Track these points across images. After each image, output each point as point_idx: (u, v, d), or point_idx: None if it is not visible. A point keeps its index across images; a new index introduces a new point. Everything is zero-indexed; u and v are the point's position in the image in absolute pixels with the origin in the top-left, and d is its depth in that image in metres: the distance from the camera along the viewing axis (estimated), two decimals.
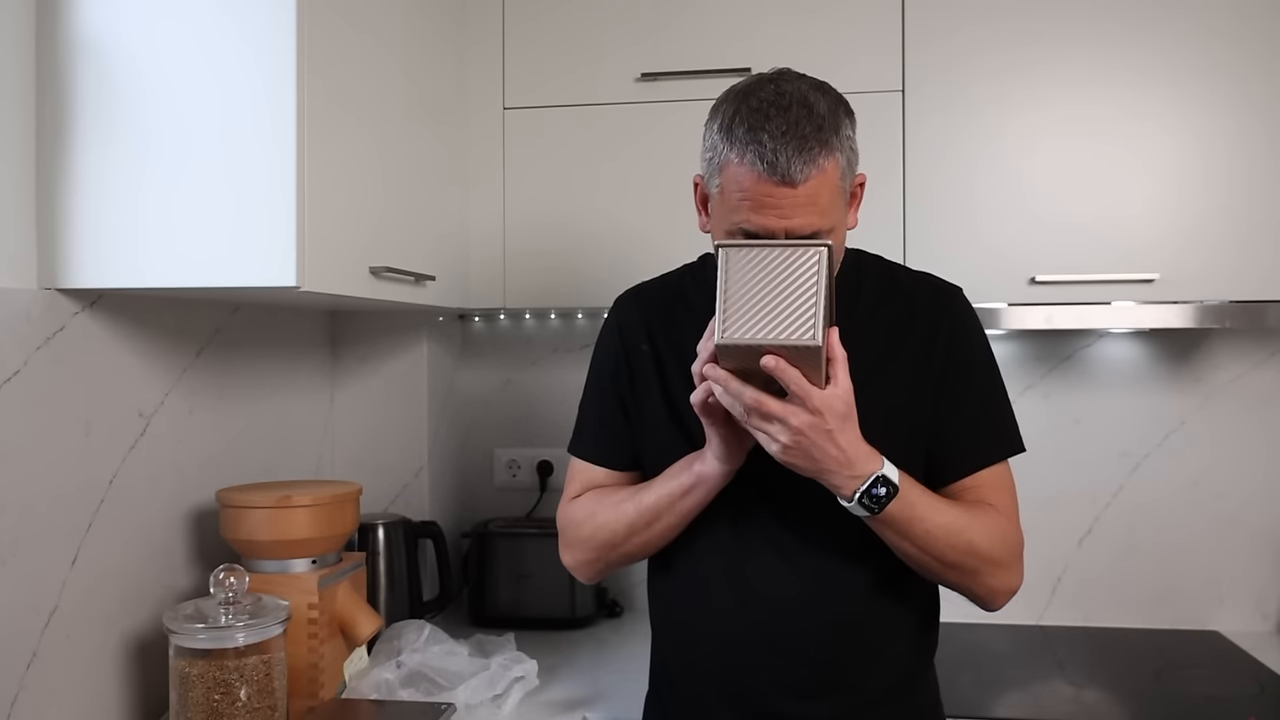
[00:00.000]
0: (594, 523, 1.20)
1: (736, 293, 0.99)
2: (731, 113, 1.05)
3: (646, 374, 1.21)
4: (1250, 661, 1.72)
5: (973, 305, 1.22)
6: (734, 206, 1.04)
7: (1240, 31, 1.62)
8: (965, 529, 1.08)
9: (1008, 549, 1.12)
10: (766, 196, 1.02)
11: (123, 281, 1.24)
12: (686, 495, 1.12)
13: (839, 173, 1.04)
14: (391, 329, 1.99)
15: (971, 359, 1.18)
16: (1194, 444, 1.94)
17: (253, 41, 1.19)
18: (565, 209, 1.79)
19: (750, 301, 0.98)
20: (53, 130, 1.24)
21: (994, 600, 1.14)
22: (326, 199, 1.26)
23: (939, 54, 1.69)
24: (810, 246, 0.98)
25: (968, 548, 1.08)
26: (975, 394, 1.17)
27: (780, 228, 1.02)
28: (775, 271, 0.98)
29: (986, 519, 1.11)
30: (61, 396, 1.25)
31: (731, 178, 1.04)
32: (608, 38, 1.77)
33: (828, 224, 1.03)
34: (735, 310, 0.99)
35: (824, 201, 1.03)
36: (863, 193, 1.14)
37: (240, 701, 1.25)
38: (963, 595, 1.15)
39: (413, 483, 1.99)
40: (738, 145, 1.02)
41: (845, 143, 1.05)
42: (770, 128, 1.01)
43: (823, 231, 1.04)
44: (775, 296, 0.98)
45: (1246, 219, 1.62)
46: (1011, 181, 1.67)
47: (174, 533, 1.47)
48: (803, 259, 0.98)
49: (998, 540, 1.11)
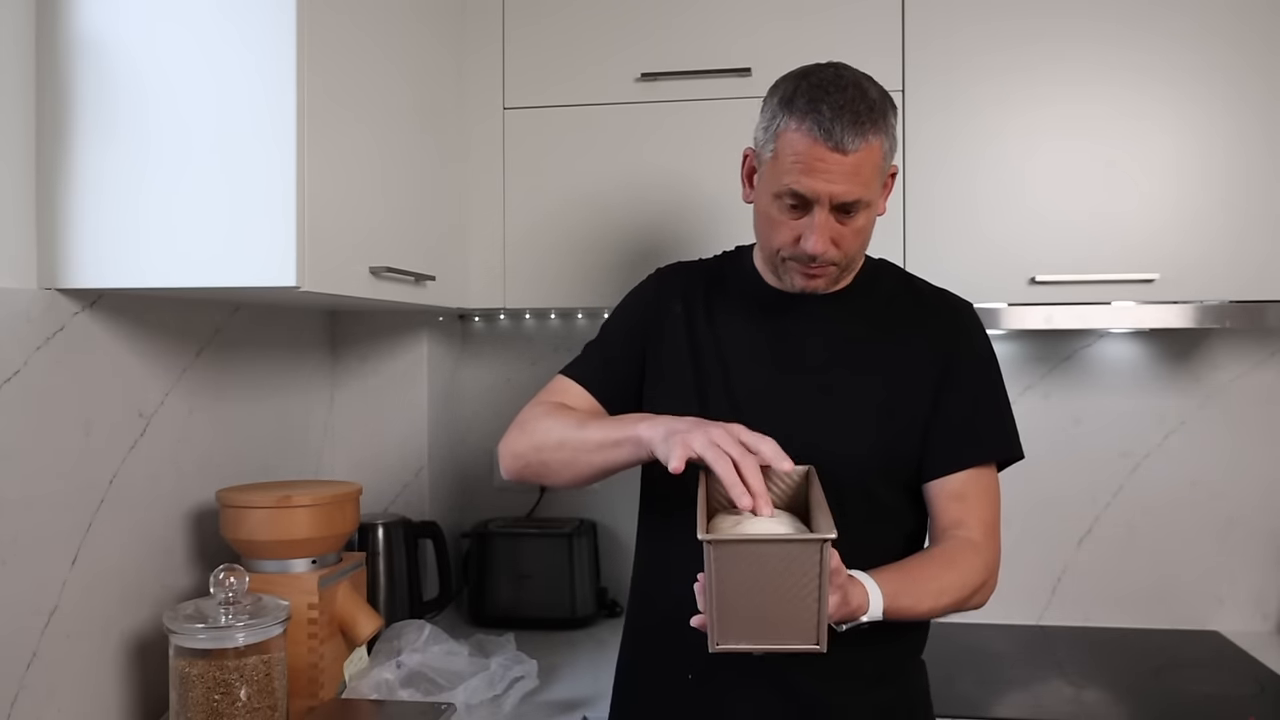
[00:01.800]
0: (540, 423, 1.24)
1: (730, 594, 0.91)
2: (793, 88, 1.14)
3: (677, 334, 1.28)
4: (1250, 661, 1.72)
5: (975, 311, 1.29)
6: (786, 169, 1.13)
7: (1239, 31, 1.62)
8: (946, 590, 1.13)
9: (985, 573, 1.17)
10: (818, 161, 1.11)
11: (123, 281, 1.23)
12: (616, 448, 1.13)
13: (882, 153, 1.14)
14: (391, 329, 1.99)
15: (974, 366, 1.24)
16: (1194, 444, 1.94)
17: (253, 42, 1.19)
18: (565, 209, 1.79)
19: (745, 604, 0.91)
20: (53, 130, 1.24)
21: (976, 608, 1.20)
22: (326, 199, 1.26)
23: (939, 54, 1.69)
24: (809, 542, 0.91)
25: (952, 603, 1.14)
26: (971, 398, 1.22)
27: (826, 191, 1.11)
28: (772, 571, 0.91)
29: (963, 562, 1.16)
30: (61, 396, 1.25)
31: (787, 143, 1.13)
32: (608, 38, 1.77)
33: (867, 196, 1.14)
34: (730, 614, 0.92)
35: (866, 174, 1.12)
36: (893, 184, 1.22)
37: (240, 701, 1.25)
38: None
39: (413, 483, 1.99)
40: (798, 113, 1.12)
41: (890, 128, 1.15)
42: (830, 100, 1.11)
43: (861, 202, 1.13)
44: (773, 598, 0.91)
45: (1246, 219, 1.62)
46: (1011, 181, 1.67)
47: (174, 533, 1.47)
48: (801, 557, 0.90)
49: (977, 574, 1.16)
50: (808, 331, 1.24)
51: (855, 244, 1.18)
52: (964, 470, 1.19)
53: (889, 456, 1.20)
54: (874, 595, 1.04)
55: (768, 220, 1.19)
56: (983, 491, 1.20)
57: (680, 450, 1.01)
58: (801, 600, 0.91)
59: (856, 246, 1.18)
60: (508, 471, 1.27)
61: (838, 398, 1.21)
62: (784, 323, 1.25)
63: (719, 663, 1.20)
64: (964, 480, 1.19)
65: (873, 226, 1.20)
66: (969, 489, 1.19)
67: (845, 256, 1.18)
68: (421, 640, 1.55)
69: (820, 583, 0.91)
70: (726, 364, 1.25)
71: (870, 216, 1.17)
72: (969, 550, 1.16)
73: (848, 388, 1.21)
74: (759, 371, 1.24)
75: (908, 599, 1.07)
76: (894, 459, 1.20)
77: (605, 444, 1.14)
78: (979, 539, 1.18)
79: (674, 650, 1.20)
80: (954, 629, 1.86)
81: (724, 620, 0.92)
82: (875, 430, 1.19)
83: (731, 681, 1.20)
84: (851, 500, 1.15)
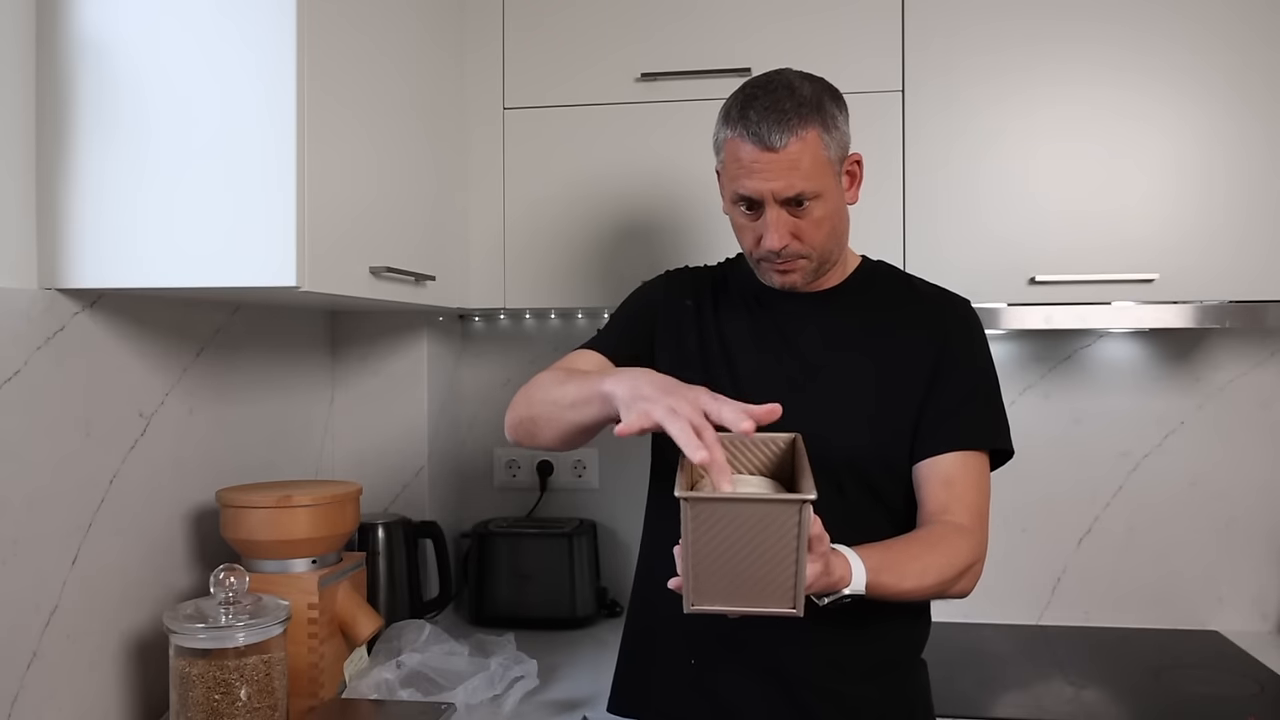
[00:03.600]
0: (536, 382, 1.25)
1: (706, 554, 0.90)
2: (731, 99, 1.22)
3: (686, 325, 1.33)
4: (1250, 661, 1.72)
5: (974, 309, 1.31)
6: (732, 175, 1.20)
7: (1239, 32, 1.62)
8: (929, 570, 1.13)
9: (971, 557, 1.17)
10: (755, 162, 1.17)
11: (123, 281, 1.23)
12: (587, 405, 1.12)
13: (821, 144, 1.17)
14: (391, 329, 1.99)
15: (966, 358, 1.26)
16: (1194, 444, 1.94)
17: (253, 41, 1.19)
18: (565, 209, 1.79)
19: (721, 564, 0.90)
20: (53, 130, 1.24)
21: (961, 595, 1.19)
22: (326, 199, 1.26)
23: (939, 54, 1.69)
24: (788, 503, 0.90)
25: (936, 584, 1.14)
26: (962, 386, 1.24)
27: (766, 190, 1.17)
28: (749, 531, 0.89)
29: (947, 545, 1.16)
30: (61, 396, 1.25)
31: (729, 151, 1.20)
32: (608, 38, 1.77)
33: (811, 187, 1.17)
34: (706, 575, 0.91)
35: (806, 167, 1.16)
36: (861, 171, 1.25)
37: (240, 701, 1.25)
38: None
39: (413, 483, 1.99)
40: (732, 122, 1.19)
41: (828, 118, 1.18)
42: (757, 105, 1.17)
43: (806, 194, 1.17)
44: (750, 560, 0.90)
45: (1246, 219, 1.62)
46: (1011, 181, 1.67)
47: (174, 533, 1.47)
48: (780, 518, 0.89)
49: (962, 557, 1.16)
50: (805, 324, 1.28)
51: (818, 235, 1.21)
52: (952, 453, 1.20)
53: (882, 443, 1.22)
54: (856, 568, 1.04)
55: (735, 226, 1.26)
56: (971, 478, 1.21)
57: (638, 419, 0.99)
58: (779, 562, 0.89)
59: (820, 237, 1.21)
60: (508, 430, 1.28)
61: (833, 386, 1.24)
62: (781, 317, 1.30)
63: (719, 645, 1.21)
64: (952, 464, 1.20)
65: (839, 217, 1.23)
66: (956, 474, 1.20)
67: (812, 248, 1.21)
68: (421, 640, 1.55)
69: (798, 545, 0.89)
70: (731, 354, 1.29)
71: (829, 207, 1.20)
72: (955, 534, 1.17)
73: (843, 377, 1.24)
74: (759, 360, 1.28)
75: (890, 575, 1.08)
76: (888, 446, 1.22)
77: (578, 400, 1.13)
78: (966, 523, 1.18)
79: (676, 631, 1.19)
80: (954, 629, 1.86)
81: (700, 580, 0.91)
82: (870, 418, 1.22)
83: (731, 670, 1.21)
84: (848, 486, 1.21)
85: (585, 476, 2.12)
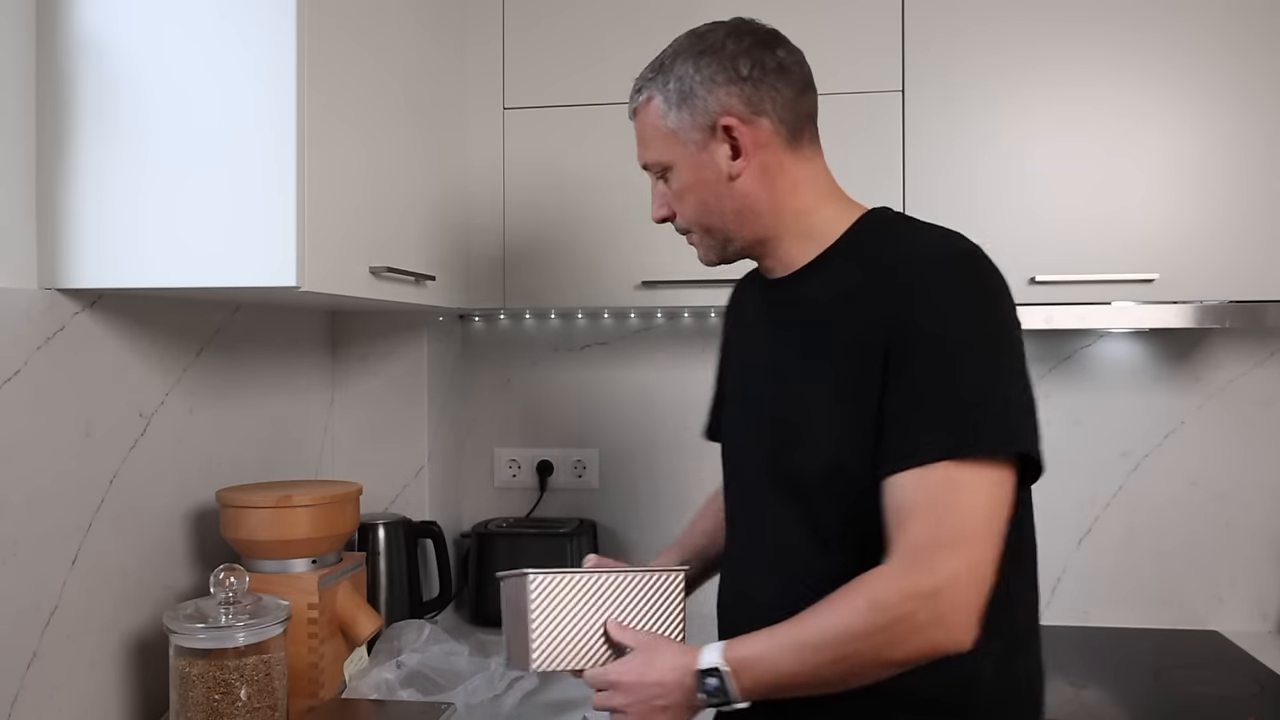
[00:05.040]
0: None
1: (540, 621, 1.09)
2: None
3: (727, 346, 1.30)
4: (1250, 661, 1.72)
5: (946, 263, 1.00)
6: None
7: (1238, 32, 1.62)
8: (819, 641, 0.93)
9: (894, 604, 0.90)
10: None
11: (123, 281, 1.24)
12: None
13: (655, 110, 1.09)
14: (391, 329, 1.99)
15: (920, 341, 0.96)
16: (1194, 444, 1.94)
17: (253, 43, 1.19)
18: (565, 209, 1.79)
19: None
20: (53, 130, 1.24)
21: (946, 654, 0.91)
22: (326, 199, 1.26)
23: (939, 54, 1.69)
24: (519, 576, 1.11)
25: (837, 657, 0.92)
26: (914, 383, 0.95)
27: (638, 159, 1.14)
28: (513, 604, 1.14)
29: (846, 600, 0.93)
30: (61, 396, 1.25)
31: None
32: (608, 38, 1.77)
33: (654, 157, 1.11)
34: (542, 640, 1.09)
35: (646, 136, 1.11)
36: (741, 133, 1.06)
37: (240, 701, 1.25)
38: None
39: (413, 483, 1.99)
40: None
41: (671, 80, 1.08)
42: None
43: (650, 165, 1.13)
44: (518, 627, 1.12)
45: (1246, 219, 1.62)
46: (1011, 181, 1.67)
47: (174, 533, 1.47)
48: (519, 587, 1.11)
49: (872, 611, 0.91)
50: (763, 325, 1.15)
51: (683, 209, 1.11)
52: (903, 472, 0.93)
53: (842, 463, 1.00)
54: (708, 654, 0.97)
55: None
56: (924, 501, 0.92)
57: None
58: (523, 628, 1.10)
59: (687, 210, 1.11)
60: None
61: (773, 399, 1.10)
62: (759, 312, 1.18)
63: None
64: (904, 487, 0.93)
65: (705, 189, 1.08)
66: (907, 498, 0.93)
67: (685, 221, 1.12)
68: (421, 640, 1.55)
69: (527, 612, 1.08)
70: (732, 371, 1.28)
71: (686, 178, 1.08)
72: (867, 581, 0.92)
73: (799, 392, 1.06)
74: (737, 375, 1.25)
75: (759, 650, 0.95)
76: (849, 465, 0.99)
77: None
78: (894, 562, 0.92)
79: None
80: None
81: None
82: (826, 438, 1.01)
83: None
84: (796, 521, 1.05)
85: (585, 477, 2.12)
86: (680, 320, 2.09)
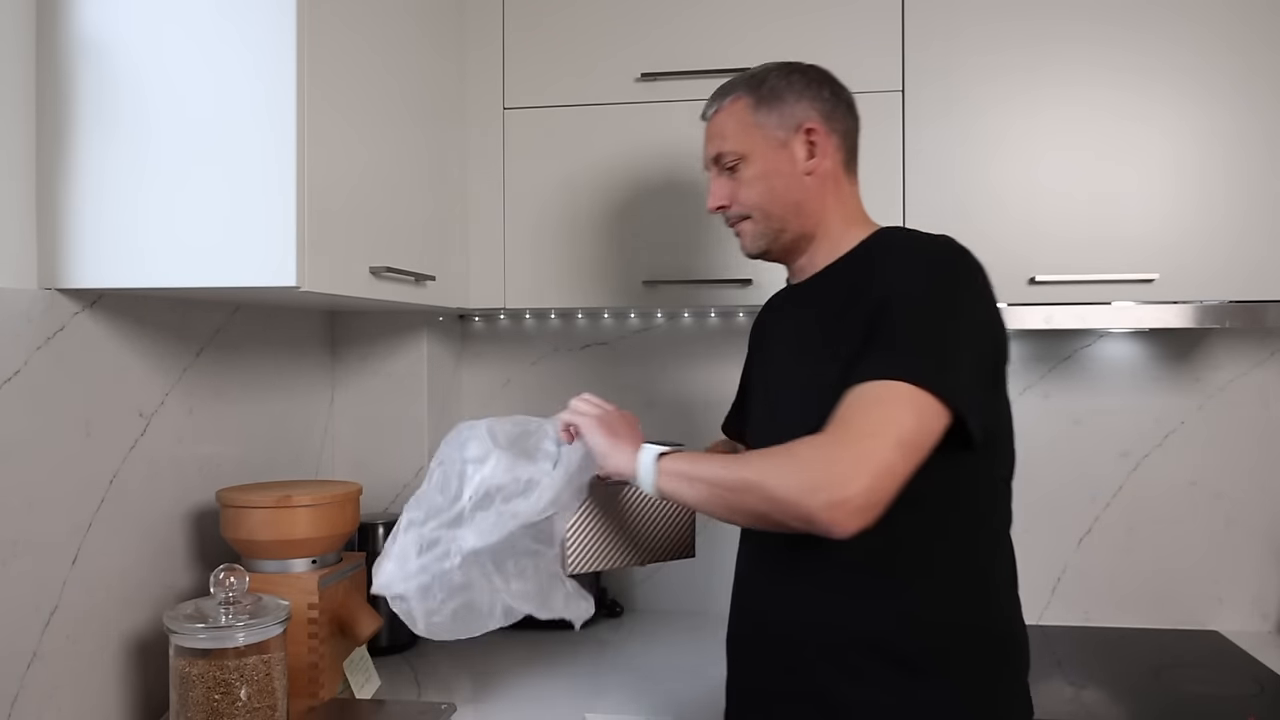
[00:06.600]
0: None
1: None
2: None
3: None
4: (1250, 661, 1.72)
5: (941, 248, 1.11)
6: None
7: (1238, 33, 1.62)
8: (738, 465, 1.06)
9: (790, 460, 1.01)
10: (705, 137, 1.30)
11: (123, 281, 1.24)
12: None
13: (745, 107, 1.24)
14: (391, 329, 1.99)
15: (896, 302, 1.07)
16: (1194, 444, 1.94)
17: (253, 42, 1.19)
18: (565, 209, 1.79)
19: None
20: (53, 130, 1.24)
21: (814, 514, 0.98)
22: (326, 199, 1.26)
23: (939, 55, 1.69)
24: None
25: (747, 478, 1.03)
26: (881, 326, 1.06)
27: (705, 155, 1.29)
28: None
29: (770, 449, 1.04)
30: (61, 396, 1.25)
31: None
32: (608, 38, 1.77)
33: (732, 147, 1.24)
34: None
35: (729, 129, 1.25)
36: (819, 138, 1.23)
37: (240, 701, 1.25)
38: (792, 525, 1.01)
39: (413, 483, 1.99)
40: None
41: (764, 88, 1.24)
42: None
43: (725, 155, 1.25)
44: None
45: (1246, 219, 1.62)
46: (1011, 181, 1.67)
47: (174, 533, 1.47)
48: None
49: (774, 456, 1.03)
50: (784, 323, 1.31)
51: (748, 195, 1.24)
52: (852, 387, 1.03)
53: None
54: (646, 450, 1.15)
55: None
56: (860, 401, 1.01)
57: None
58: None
59: (754, 196, 1.24)
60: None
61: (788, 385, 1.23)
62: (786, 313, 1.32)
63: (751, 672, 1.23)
64: (847, 396, 1.03)
65: (778, 179, 1.23)
66: (847, 401, 1.02)
67: (746, 207, 1.25)
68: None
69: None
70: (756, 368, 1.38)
71: (760, 169, 1.23)
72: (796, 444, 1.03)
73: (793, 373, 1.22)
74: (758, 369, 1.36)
75: (689, 460, 1.12)
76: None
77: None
78: (819, 434, 1.01)
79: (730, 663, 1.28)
80: None
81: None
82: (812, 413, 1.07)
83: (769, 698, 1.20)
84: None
85: None
86: (680, 320, 2.09)
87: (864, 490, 0.96)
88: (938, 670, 1.09)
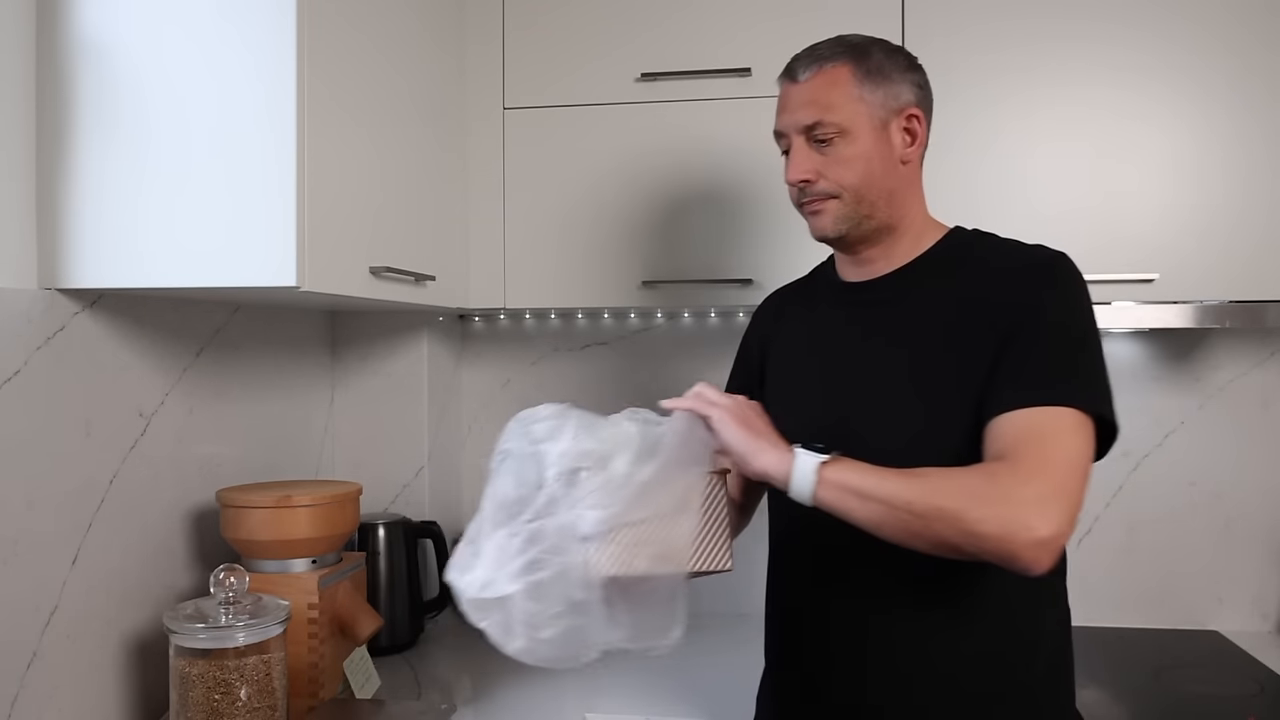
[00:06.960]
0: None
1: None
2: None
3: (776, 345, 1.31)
4: (1250, 661, 1.72)
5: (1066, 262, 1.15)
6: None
7: (1237, 32, 1.62)
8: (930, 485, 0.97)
9: (992, 490, 0.96)
10: (785, 99, 1.18)
11: (123, 281, 1.24)
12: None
13: (849, 77, 1.15)
14: (391, 329, 1.99)
15: (1039, 318, 1.08)
16: (1194, 444, 1.94)
17: (253, 43, 1.19)
18: (565, 209, 1.79)
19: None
20: (53, 130, 1.24)
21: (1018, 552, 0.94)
22: (326, 199, 1.26)
23: (939, 54, 1.68)
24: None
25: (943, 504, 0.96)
26: (1029, 347, 1.06)
27: (790, 121, 1.16)
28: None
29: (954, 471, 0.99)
30: (61, 396, 1.25)
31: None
32: (607, 38, 1.77)
33: (831, 118, 1.14)
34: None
35: (827, 98, 1.14)
36: (915, 125, 1.18)
37: (240, 701, 1.25)
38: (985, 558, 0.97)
39: (413, 483, 1.99)
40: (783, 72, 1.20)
41: (870, 62, 1.15)
42: (803, 51, 1.20)
43: (824, 124, 1.13)
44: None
45: (1246, 219, 1.62)
46: (1011, 180, 1.67)
47: (174, 533, 1.47)
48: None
49: (968, 483, 0.97)
50: (866, 318, 1.21)
51: (843, 174, 1.15)
52: (1010, 412, 1.02)
53: (927, 438, 1.09)
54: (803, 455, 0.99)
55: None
56: (1025, 434, 1.00)
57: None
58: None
59: (848, 177, 1.15)
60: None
61: (878, 384, 1.15)
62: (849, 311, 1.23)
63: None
64: (1015, 421, 1.01)
65: (878, 162, 1.15)
66: (1019, 427, 1.01)
67: (837, 185, 1.15)
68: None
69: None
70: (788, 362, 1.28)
71: (859, 148, 1.14)
72: (979, 468, 1.00)
73: (888, 372, 1.14)
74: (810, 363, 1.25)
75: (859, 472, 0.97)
76: (940, 441, 1.07)
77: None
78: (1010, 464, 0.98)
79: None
80: None
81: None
82: (917, 415, 1.10)
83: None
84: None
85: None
86: (680, 320, 2.09)
87: (1066, 529, 0.95)
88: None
